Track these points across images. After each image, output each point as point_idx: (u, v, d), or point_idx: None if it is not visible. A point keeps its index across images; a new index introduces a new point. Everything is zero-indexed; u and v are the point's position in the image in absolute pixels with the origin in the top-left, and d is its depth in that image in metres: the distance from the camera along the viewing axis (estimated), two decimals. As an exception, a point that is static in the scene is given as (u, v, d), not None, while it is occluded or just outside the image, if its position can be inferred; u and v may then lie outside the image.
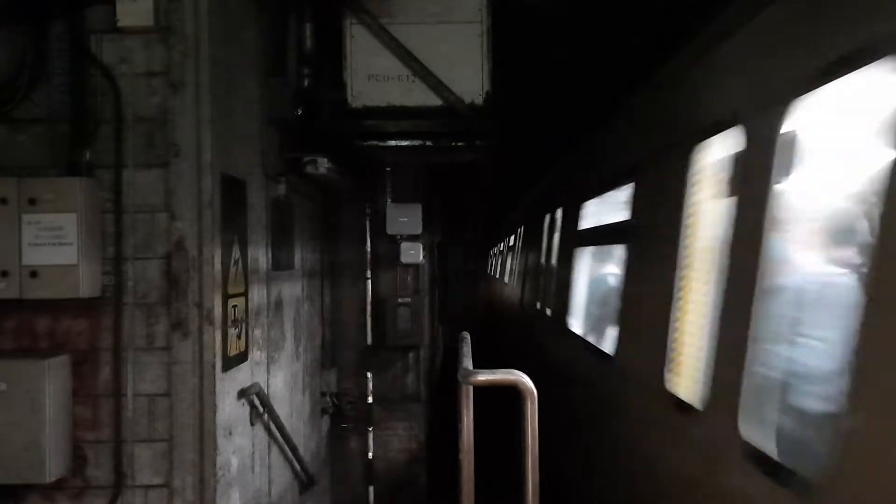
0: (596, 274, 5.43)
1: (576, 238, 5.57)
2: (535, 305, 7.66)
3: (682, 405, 2.70)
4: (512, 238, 13.11)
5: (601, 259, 5.34)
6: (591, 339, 4.79)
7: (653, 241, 3.38)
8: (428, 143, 4.17)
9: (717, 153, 2.70)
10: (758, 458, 2.09)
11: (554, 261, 6.66)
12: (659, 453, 2.92)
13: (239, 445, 3.27)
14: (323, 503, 5.29)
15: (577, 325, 5.40)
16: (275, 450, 3.91)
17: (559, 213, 6.62)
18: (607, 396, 3.87)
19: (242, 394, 3.30)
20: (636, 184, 3.71)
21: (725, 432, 2.24)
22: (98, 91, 2.91)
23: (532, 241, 9.03)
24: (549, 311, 6.52)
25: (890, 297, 1.63)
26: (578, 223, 5.43)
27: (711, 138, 2.68)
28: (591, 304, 5.35)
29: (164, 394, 2.90)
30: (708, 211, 2.78)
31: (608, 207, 4.65)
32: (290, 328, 4.32)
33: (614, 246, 4.50)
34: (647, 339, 3.23)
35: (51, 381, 2.74)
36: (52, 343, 2.89)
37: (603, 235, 4.80)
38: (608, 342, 4.17)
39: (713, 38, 2.88)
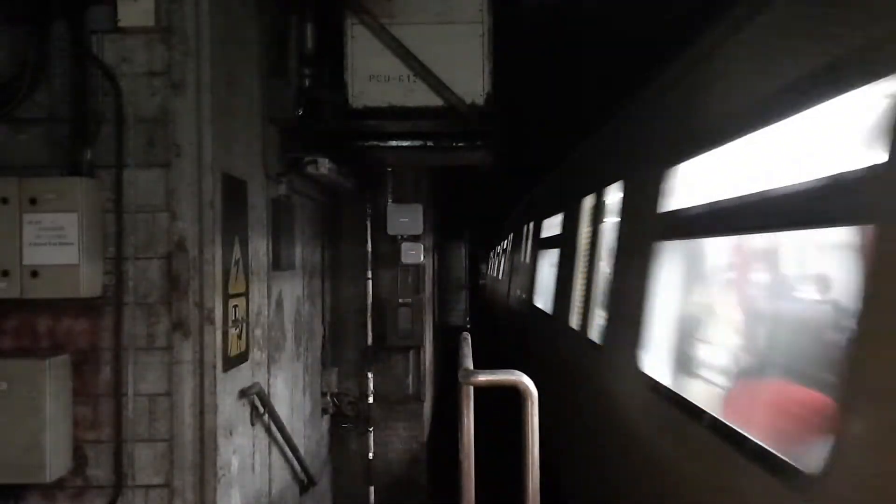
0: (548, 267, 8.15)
1: (540, 245, 9.00)
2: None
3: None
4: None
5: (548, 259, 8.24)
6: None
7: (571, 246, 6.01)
8: (429, 143, 4.17)
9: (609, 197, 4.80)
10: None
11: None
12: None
13: (239, 445, 3.27)
14: (323, 503, 5.29)
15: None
16: (275, 450, 3.92)
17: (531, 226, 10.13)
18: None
19: (243, 394, 3.30)
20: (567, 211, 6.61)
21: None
22: (99, 91, 2.91)
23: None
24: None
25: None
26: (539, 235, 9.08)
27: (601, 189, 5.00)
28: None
29: (164, 394, 2.90)
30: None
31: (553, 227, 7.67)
32: (290, 328, 4.33)
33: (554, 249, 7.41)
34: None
35: (51, 380, 2.73)
36: (53, 343, 2.90)
37: (554, 243, 7.45)
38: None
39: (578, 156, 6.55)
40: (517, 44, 5.03)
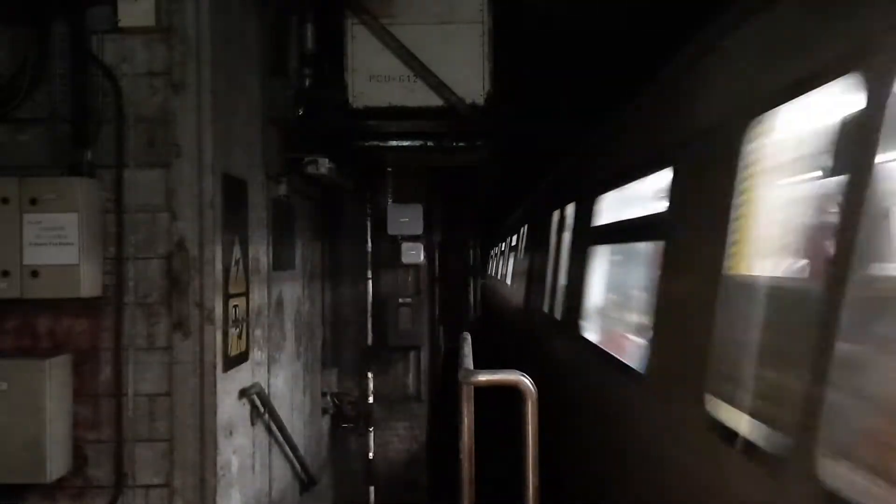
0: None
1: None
2: None
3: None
4: None
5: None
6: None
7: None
8: (429, 143, 4.17)
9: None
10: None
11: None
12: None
13: (239, 445, 3.27)
14: (323, 503, 5.29)
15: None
16: (275, 450, 3.92)
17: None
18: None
19: (243, 394, 3.30)
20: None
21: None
22: (99, 91, 2.91)
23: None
24: None
25: None
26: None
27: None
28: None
29: (164, 394, 2.90)
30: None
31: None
32: (290, 328, 4.33)
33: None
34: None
35: (51, 380, 2.74)
36: (53, 343, 2.90)
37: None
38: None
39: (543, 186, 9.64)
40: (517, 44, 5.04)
